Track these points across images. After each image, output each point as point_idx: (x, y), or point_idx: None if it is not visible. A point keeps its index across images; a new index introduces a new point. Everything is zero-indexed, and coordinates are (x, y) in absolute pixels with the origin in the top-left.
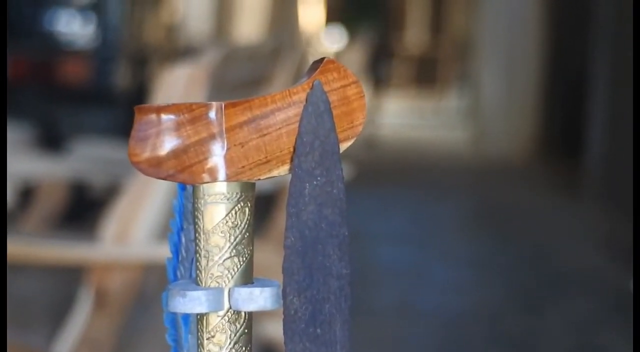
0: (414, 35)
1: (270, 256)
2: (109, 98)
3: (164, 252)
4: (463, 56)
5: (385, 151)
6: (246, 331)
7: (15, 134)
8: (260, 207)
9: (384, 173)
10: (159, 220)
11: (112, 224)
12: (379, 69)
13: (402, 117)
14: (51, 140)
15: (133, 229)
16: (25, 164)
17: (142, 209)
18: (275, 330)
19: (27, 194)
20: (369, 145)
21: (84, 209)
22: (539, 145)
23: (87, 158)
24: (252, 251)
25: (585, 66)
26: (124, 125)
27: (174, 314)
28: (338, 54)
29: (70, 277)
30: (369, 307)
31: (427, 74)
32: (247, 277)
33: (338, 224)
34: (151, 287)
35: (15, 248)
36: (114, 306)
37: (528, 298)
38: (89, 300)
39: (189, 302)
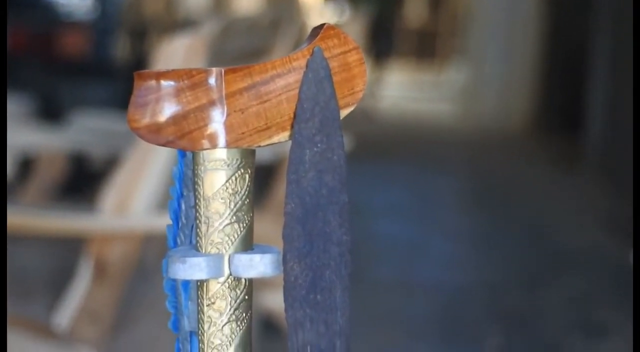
0: (414, 9)
1: (269, 226)
2: (108, 70)
3: (163, 222)
4: (463, 30)
5: (385, 124)
6: (246, 297)
7: (14, 106)
8: (260, 178)
9: (382, 146)
10: (158, 191)
11: (112, 195)
12: (379, 43)
13: (401, 90)
14: (50, 112)
15: (132, 200)
16: (25, 135)
17: (142, 180)
18: (275, 301)
19: (27, 165)
20: (369, 118)
21: (83, 180)
22: (538, 120)
23: (86, 130)
24: (252, 217)
25: (585, 41)
26: (123, 97)
27: (174, 281)
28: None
29: (70, 248)
30: (367, 281)
31: (426, 48)
32: (247, 244)
33: (338, 191)
34: (151, 258)
35: (15, 219)
36: (114, 277)
37: (527, 273)
38: (89, 271)
39: (189, 268)
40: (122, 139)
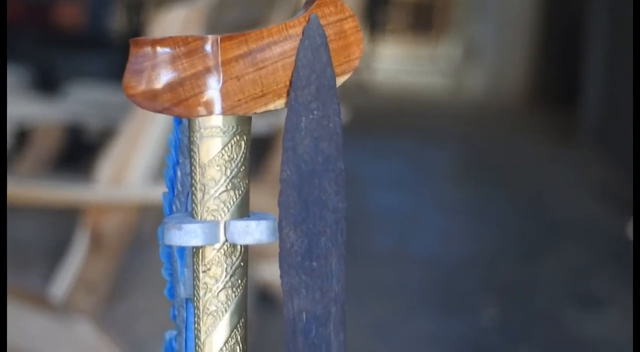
0: None
1: (265, 197)
2: (104, 41)
3: (159, 193)
4: (458, 3)
5: (380, 97)
6: (242, 264)
7: (10, 77)
8: (255, 149)
9: (378, 118)
10: (154, 162)
11: (108, 165)
12: (376, 15)
13: (397, 63)
14: (46, 83)
15: (128, 171)
16: (21, 107)
17: (138, 151)
18: (270, 272)
19: (23, 136)
20: (365, 90)
21: (79, 152)
22: (534, 93)
23: (82, 101)
24: (248, 184)
25: (582, 12)
26: (119, 68)
27: (170, 248)
28: None
29: (66, 219)
30: (363, 253)
31: (422, 21)
32: (243, 211)
33: (334, 158)
34: (147, 228)
35: (11, 190)
36: (110, 248)
37: (523, 245)
38: (85, 241)
39: (185, 235)
40: (118, 111)
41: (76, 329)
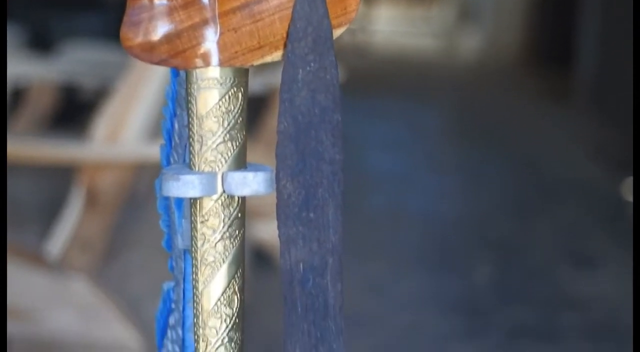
0: None
1: (261, 157)
2: (99, 1)
3: (154, 151)
4: None
5: (376, 59)
6: (239, 215)
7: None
8: (250, 110)
9: (373, 80)
10: (149, 120)
11: (103, 124)
12: None
13: (393, 25)
14: (41, 43)
15: (124, 129)
16: (16, 66)
17: (133, 109)
18: (266, 231)
19: (18, 95)
20: (360, 52)
21: (74, 111)
22: (529, 54)
23: (77, 61)
24: (245, 136)
25: None
26: (114, 28)
27: (167, 200)
28: None
29: (62, 177)
30: (358, 213)
31: None
32: (241, 162)
33: (331, 110)
34: (142, 187)
35: (7, 148)
36: (105, 205)
37: (517, 205)
38: (80, 199)
39: (183, 186)
40: (113, 70)
41: (72, 286)
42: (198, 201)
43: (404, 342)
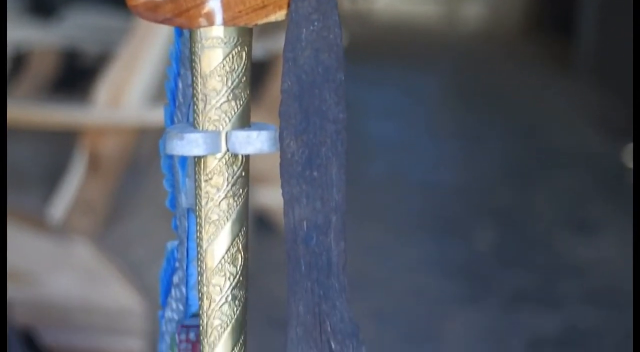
0: None
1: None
2: None
3: (157, 115)
4: None
5: (376, 25)
6: (243, 173)
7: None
8: (252, 75)
9: (374, 47)
10: (151, 85)
11: (105, 88)
12: None
13: None
14: (43, 7)
15: (126, 93)
16: (17, 30)
17: (135, 73)
18: (268, 197)
19: (19, 61)
20: (361, 19)
21: (76, 76)
22: (530, 22)
23: (79, 25)
24: (249, 95)
25: None
26: None
27: (171, 159)
28: None
29: (64, 142)
30: (359, 180)
31: None
32: (244, 121)
33: (335, 69)
34: (144, 152)
35: (9, 113)
36: (108, 170)
37: (518, 171)
38: (83, 164)
39: (187, 144)
40: (115, 35)
41: (74, 250)
42: (202, 160)
43: (404, 306)
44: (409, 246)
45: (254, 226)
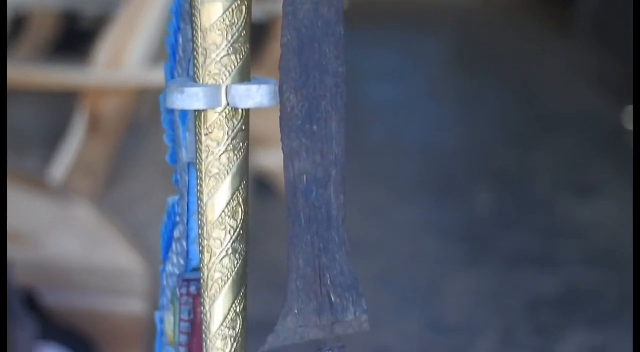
0: None
1: None
2: None
3: (156, 76)
4: None
5: None
6: (243, 128)
7: None
8: (252, 37)
9: (374, 10)
10: (151, 46)
11: (105, 49)
12: None
13: None
14: None
15: (126, 54)
16: None
17: (135, 35)
18: (267, 159)
19: (19, 23)
20: None
21: (76, 38)
22: None
23: None
24: (249, 49)
25: None
26: None
27: (172, 114)
28: None
29: (65, 103)
30: (359, 143)
31: None
32: (245, 75)
33: (334, 23)
34: (145, 113)
35: (9, 74)
36: (108, 131)
37: (518, 134)
38: (83, 125)
39: (187, 98)
40: None
41: (74, 211)
42: (202, 114)
43: (404, 268)
44: (409, 208)
45: (253, 188)
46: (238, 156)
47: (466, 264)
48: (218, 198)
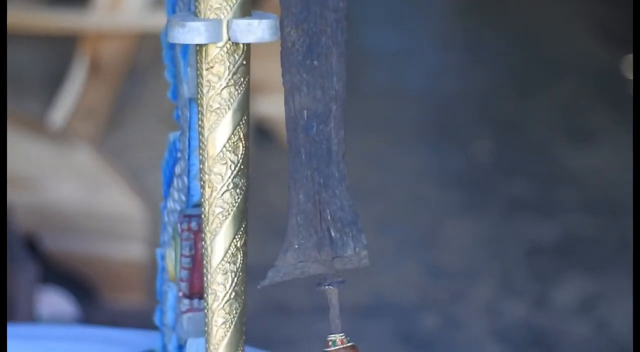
0: None
1: None
2: None
3: (157, 20)
4: None
5: None
6: (244, 62)
7: None
8: None
9: None
10: None
11: None
12: None
13: None
14: None
15: None
16: None
17: None
18: (267, 105)
19: None
20: None
21: None
22: None
23: None
24: None
25: None
26: None
27: (173, 50)
28: None
29: (64, 47)
30: (359, 90)
31: None
32: (246, 10)
33: None
34: (145, 57)
35: (9, 18)
36: (109, 75)
37: (519, 80)
38: (83, 69)
39: (188, 32)
40: None
41: (75, 155)
42: (203, 48)
43: (403, 215)
44: (408, 155)
45: (253, 135)
46: (239, 91)
47: (465, 211)
48: (219, 133)
